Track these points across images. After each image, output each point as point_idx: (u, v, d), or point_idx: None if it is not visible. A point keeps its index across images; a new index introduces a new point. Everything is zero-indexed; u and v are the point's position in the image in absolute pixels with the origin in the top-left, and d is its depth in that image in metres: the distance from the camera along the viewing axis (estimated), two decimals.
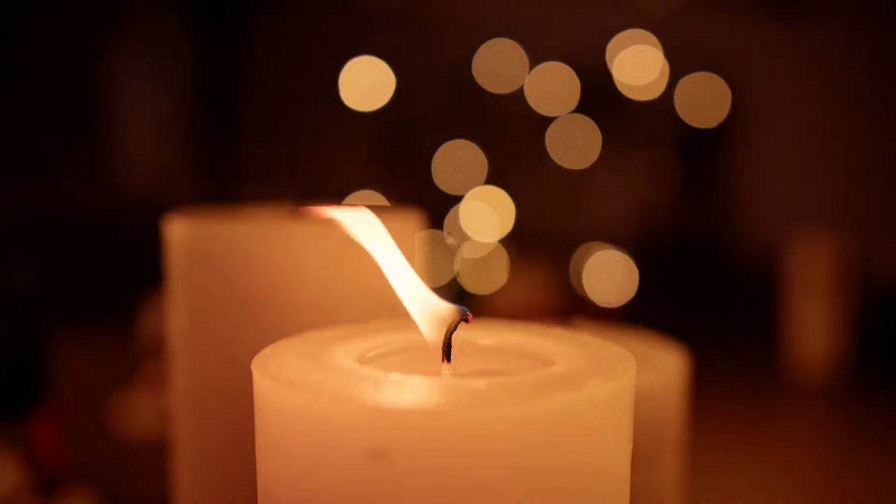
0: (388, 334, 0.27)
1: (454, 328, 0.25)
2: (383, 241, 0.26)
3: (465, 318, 0.25)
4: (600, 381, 0.22)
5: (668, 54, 1.75)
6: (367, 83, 1.80)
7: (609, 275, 1.64)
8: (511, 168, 1.83)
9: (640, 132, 1.84)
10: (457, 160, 1.80)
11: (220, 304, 0.35)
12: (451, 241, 1.64)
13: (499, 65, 1.80)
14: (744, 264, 1.74)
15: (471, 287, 1.54)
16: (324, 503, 0.21)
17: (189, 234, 0.37)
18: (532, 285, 1.48)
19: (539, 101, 1.80)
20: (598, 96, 1.79)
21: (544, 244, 1.73)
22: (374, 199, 1.69)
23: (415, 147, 1.87)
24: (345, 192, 1.67)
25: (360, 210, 0.26)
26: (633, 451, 0.24)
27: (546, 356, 0.25)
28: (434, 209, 1.53)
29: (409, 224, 0.38)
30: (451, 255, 1.61)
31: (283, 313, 0.35)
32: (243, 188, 1.75)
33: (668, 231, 1.86)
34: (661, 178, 1.86)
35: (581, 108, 1.79)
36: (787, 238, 1.18)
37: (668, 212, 1.88)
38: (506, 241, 1.68)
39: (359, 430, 0.20)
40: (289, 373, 0.22)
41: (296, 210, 0.40)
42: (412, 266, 0.26)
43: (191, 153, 1.93)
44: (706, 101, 1.79)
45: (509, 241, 1.68)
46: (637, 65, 1.76)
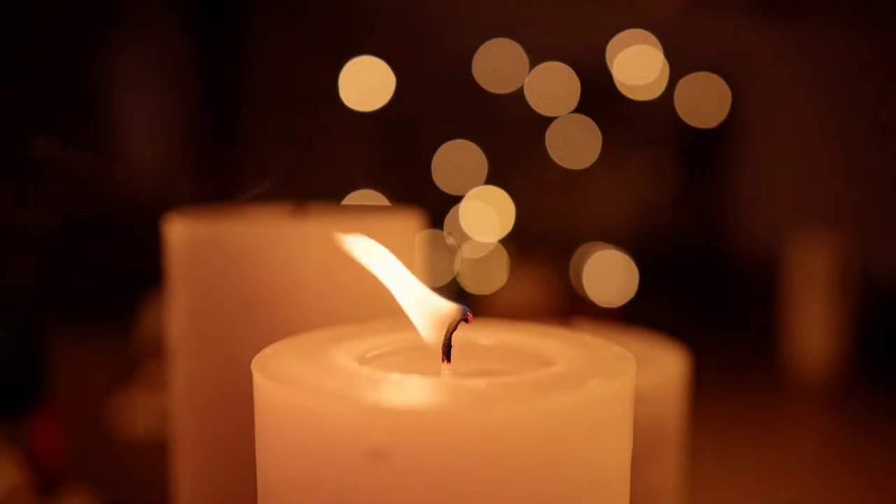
0: (388, 334, 0.27)
1: (454, 328, 0.25)
2: (383, 256, 0.26)
3: (465, 318, 0.25)
4: (600, 381, 0.22)
5: (668, 54, 1.75)
6: (367, 83, 1.80)
7: (609, 275, 1.64)
8: (511, 168, 1.83)
9: (640, 132, 1.84)
10: (457, 160, 1.80)
11: (220, 304, 0.35)
12: (451, 241, 1.64)
13: (499, 65, 1.80)
14: (744, 264, 1.74)
15: (471, 287, 1.54)
16: (324, 503, 0.21)
17: (189, 234, 0.37)
18: (532, 285, 1.48)
19: (539, 101, 1.80)
20: (598, 96, 1.78)
21: (544, 244, 1.73)
22: (374, 199, 1.69)
23: (415, 147, 1.87)
24: (345, 192, 1.67)
25: (359, 237, 0.26)
26: (633, 451, 0.24)
27: (546, 356, 0.25)
28: (434, 209, 1.52)
29: (409, 224, 0.38)
30: (451, 255, 1.61)
31: (283, 313, 0.35)
32: (243, 188, 1.75)
33: (668, 231, 1.86)
34: (661, 178, 1.86)
35: (581, 108, 1.79)
36: (788, 238, 1.18)
37: (668, 212, 1.88)
38: (506, 241, 1.68)
39: (359, 430, 0.20)
40: (289, 373, 0.22)
41: (296, 210, 0.40)
42: (413, 271, 0.26)
43: (191, 153, 1.93)
44: (706, 101, 1.79)
45: (509, 241, 1.68)
46: (637, 65, 1.75)
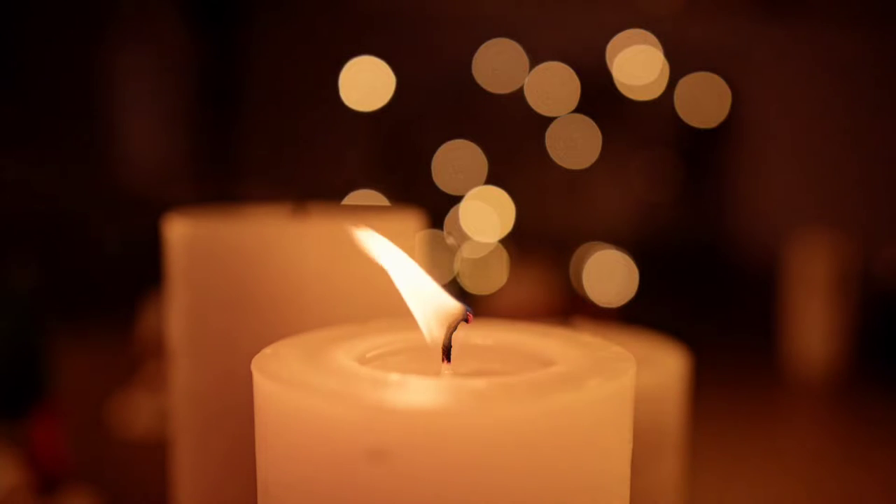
0: (388, 334, 0.27)
1: (454, 328, 0.25)
2: (392, 250, 0.26)
3: (465, 318, 0.25)
4: (600, 381, 0.22)
5: (668, 54, 1.75)
6: (367, 83, 1.80)
7: (609, 275, 1.64)
8: (511, 168, 1.83)
9: (640, 132, 1.84)
10: (457, 160, 1.80)
11: (220, 304, 0.35)
12: (451, 241, 1.64)
13: (499, 65, 1.80)
14: (744, 264, 1.74)
15: (471, 287, 1.54)
16: (323, 503, 0.21)
17: (189, 234, 0.37)
18: (532, 285, 1.48)
19: (539, 101, 1.80)
20: (598, 96, 1.78)
21: (544, 244, 1.73)
22: (374, 199, 1.69)
23: (415, 147, 1.87)
24: (345, 192, 1.67)
25: (368, 232, 0.26)
26: (633, 451, 0.24)
27: (546, 356, 0.25)
28: (434, 209, 1.52)
29: (409, 224, 0.38)
30: (451, 255, 1.61)
31: (283, 313, 0.35)
32: (243, 188, 1.75)
33: (668, 231, 1.86)
34: (661, 178, 1.86)
35: (581, 108, 1.79)
36: (788, 238, 1.18)
37: (668, 212, 1.88)
38: (506, 241, 1.68)
39: (359, 431, 0.20)
40: (289, 373, 0.22)
41: (296, 210, 0.40)
42: (421, 267, 0.26)
43: (191, 153, 1.93)
44: (706, 101, 1.79)
45: (509, 241, 1.68)
46: (637, 65, 1.76)
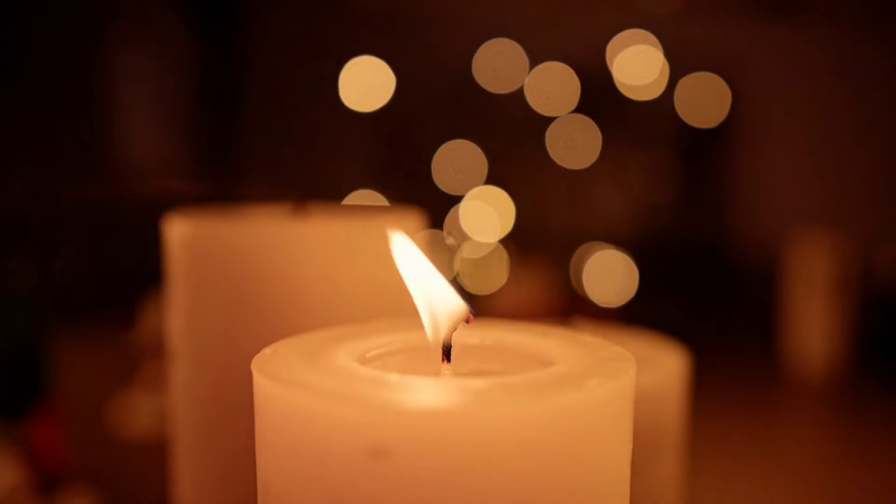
0: (388, 334, 0.27)
1: (455, 328, 0.25)
2: (410, 247, 0.26)
3: (465, 318, 0.25)
4: (600, 381, 0.22)
5: (668, 54, 1.75)
6: (367, 83, 1.80)
7: (609, 275, 1.64)
8: (511, 168, 1.83)
9: (640, 132, 1.85)
10: (457, 160, 1.80)
11: (220, 304, 0.35)
12: (451, 241, 1.64)
13: (499, 65, 1.80)
14: (744, 264, 1.74)
15: (471, 287, 1.54)
16: (324, 503, 0.21)
17: (189, 234, 0.37)
18: (532, 285, 1.48)
19: (539, 101, 1.80)
20: (598, 96, 1.79)
21: (544, 244, 1.73)
22: (374, 199, 1.69)
23: (415, 147, 1.87)
24: (345, 192, 1.67)
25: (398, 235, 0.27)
26: (633, 451, 0.24)
27: (546, 356, 0.25)
28: (434, 209, 1.52)
29: (409, 224, 0.38)
30: (451, 255, 1.61)
31: (283, 313, 0.35)
32: (243, 188, 1.75)
33: (668, 231, 1.86)
34: (661, 178, 1.86)
35: (581, 108, 1.79)
36: (787, 238, 1.18)
37: (668, 212, 1.88)
38: (506, 241, 1.68)
39: (359, 431, 0.20)
40: (289, 373, 0.22)
41: (296, 210, 0.40)
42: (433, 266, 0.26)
43: (191, 153, 1.93)
44: (706, 102, 1.79)
45: (509, 241, 1.68)
46: (637, 65, 1.76)
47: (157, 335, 0.73)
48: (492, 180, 1.77)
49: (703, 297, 1.55)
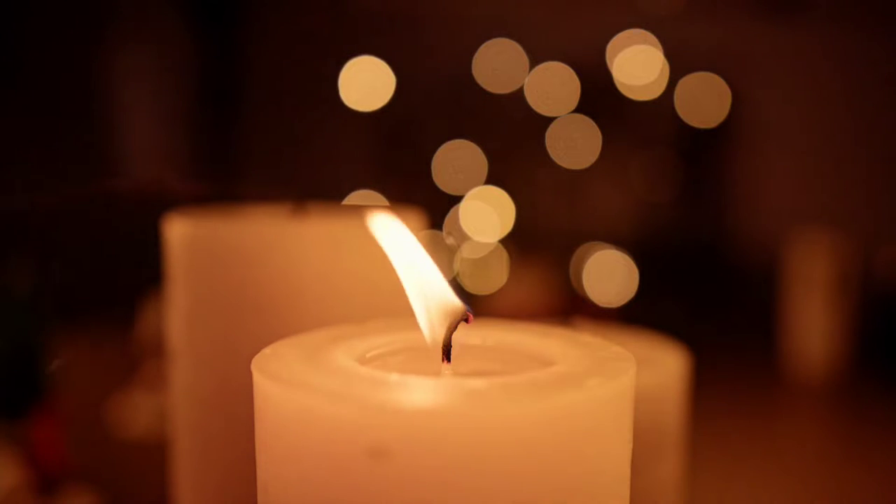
0: (387, 334, 0.27)
1: (454, 328, 0.25)
2: (403, 238, 0.26)
3: (465, 318, 0.25)
4: (600, 381, 0.22)
5: (668, 54, 1.75)
6: (367, 83, 1.80)
7: (609, 275, 1.64)
8: (511, 168, 1.83)
9: (640, 132, 1.84)
10: (457, 160, 1.80)
11: (220, 304, 0.35)
12: (451, 241, 1.64)
13: (499, 65, 1.80)
14: (744, 264, 1.74)
15: (471, 287, 1.54)
16: (324, 503, 0.21)
17: (189, 234, 0.37)
18: (532, 285, 1.48)
19: (539, 101, 1.80)
20: (598, 96, 1.79)
21: (544, 244, 1.73)
22: (374, 199, 1.69)
23: (415, 147, 1.87)
24: (345, 192, 1.67)
25: (383, 216, 0.26)
26: (633, 451, 0.24)
27: (546, 356, 0.25)
28: (434, 209, 1.52)
29: (409, 224, 0.38)
30: (451, 255, 1.61)
31: (283, 313, 0.35)
32: (243, 188, 1.75)
33: (668, 231, 1.86)
34: (661, 178, 1.86)
35: (581, 108, 1.79)
36: (787, 238, 1.18)
37: (668, 212, 1.88)
38: (506, 241, 1.68)
39: (359, 431, 0.20)
40: (289, 373, 0.22)
41: (296, 210, 0.40)
42: (430, 260, 0.26)
43: (191, 153, 1.93)
44: (706, 101, 1.79)
45: (509, 241, 1.68)
46: (637, 65, 1.76)
47: (157, 335, 0.73)
48: (492, 180, 1.77)
49: (703, 297, 1.55)
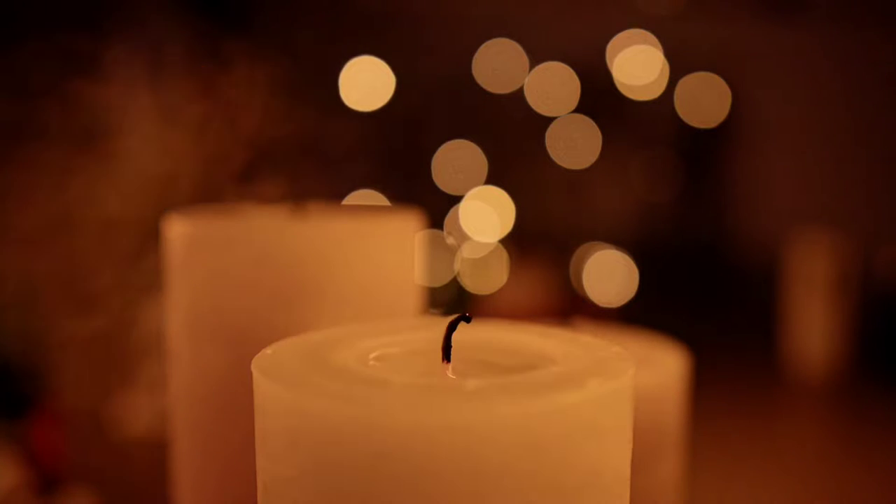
0: (388, 334, 0.27)
1: (454, 328, 0.25)
2: None
3: (465, 318, 0.25)
4: (600, 381, 0.22)
5: (668, 54, 1.75)
6: (367, 83, 1.80)
7: (609, 275, 1.64)
8: (511, 168, 1.83)
9: (640, 132, 1.85)
10: (457, 160, 1.80)
11: (219, 303, 0.35)
12: (451, 241, 1.64)
13: (499, 65, 1.80)
14: (744, 264, 1.74)
15: (471, 287, 1.54)
16: (324, 503, 0.21)
17: (189, 234, 0.37)
18: (532, 285, 1.48)
19: (539, 101, 1.80)
20: (598, 96, 1.79)
21: (544, 244, 1.73)
22: (374, 199, 1.69)
23: (415, 147, 1.87)
24: (345, 192, 1.67)
25: None
26: (633, 451, 0.24)
27: (546, 356, 0.25)
28: (434, 209, 1.52)
29: (409, 224, 0.38)
30: (451, 255, 1.61)
31: (283, 313, 0.35)
32: (244, 188, 1.75)
33: (668, 231, 1.86)
34: (661, 178, 1.86)
35: (581, 108, 1.79)
36: (788, 238, 1.18)
37: (668, 212, 1.88)
38: (506, 241, 1.68)
39: (359, 431, 0.20)
40: (289, 373, 0.22)
41: (296, 210, 0.40)
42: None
43: (190, 153, 1.93)
44: (706, 101, 1.79)
45: (509, 241, 1.68)
46: (637, 65, 1.76)
47: (157, 335, 0.73)
48: (492, 180, 1.78)
49: (703, 297, 1.55)
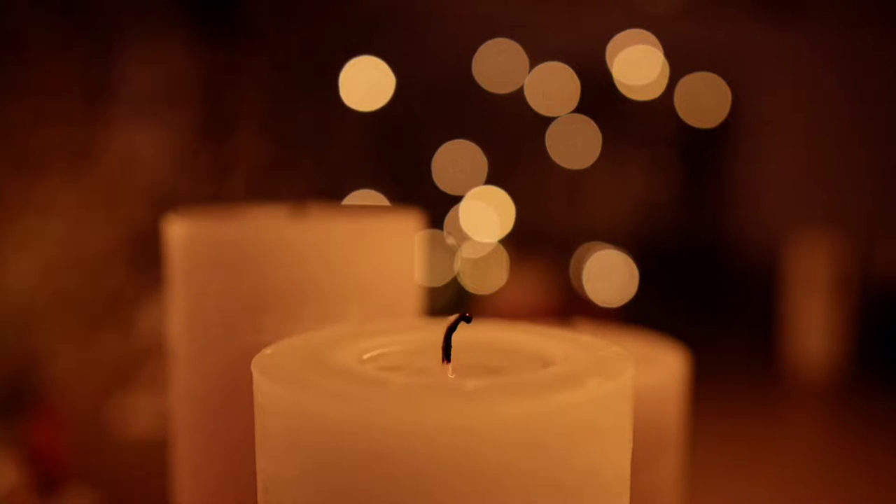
0: (387, 334, 0.27)
1: (454, 328, 0.25)
2: None
3: (465, 318, 0.25)
4: (600, 381, 0.22)
5: (668, 54, 1.75)
6: (367, 83, 1.80)
7: (609, 275, 1.64)
8: (511, 168, 1.83)
9: (640, 132, 1.85)
10: (457, 160, 1.80)
11: (219, 304, 0.35)
12: (451, 241, 1.64)
13: (499, 65, 1.80)
14: (744, 264, 1.74)
15: (471, 287, 1.54)
16: (323, 503, 0.21)
17: (189, 234, 0.37)
18: (532, 285, 1.48)
19: (539, 101, 1.80)
20: (598, 96, 1.79)
21: (544, 244, 1.73)
22: (374, 199, 1.69)
23: (415, 147, 1.87)
24: (345, 192, 1.67)
25: None
26: (633, 450, 0.24)
27: (546, 356, 0.25)
28: (434, 209, 1.53)
29: (409, 224, 0.38)
30: (451, 255, 1.61)
31: (283, 313, 0.35)
32: (243, 188, 1.75)
33: (668, 231, 1.86)
34: (661, 178, 1.86)
35: (581, 108, 1.79)
36: (788, 238, 1.18)
37: (668, 212, 1.88)
38: (506, 241, 1.68)
39: (359, 430, 0.20)
40: (289, 373, 0.22)
41: (296, 210, 0.40)
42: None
43: (191, 153, 1.93)
44: (706, 101, 1.79)
45: (509, 241, 1.68)
46: (637, 65, 1.76)
47: (157, 335, 0.73)
48: (492, 180, 1.77)
49: (703, 297, 1.55)
